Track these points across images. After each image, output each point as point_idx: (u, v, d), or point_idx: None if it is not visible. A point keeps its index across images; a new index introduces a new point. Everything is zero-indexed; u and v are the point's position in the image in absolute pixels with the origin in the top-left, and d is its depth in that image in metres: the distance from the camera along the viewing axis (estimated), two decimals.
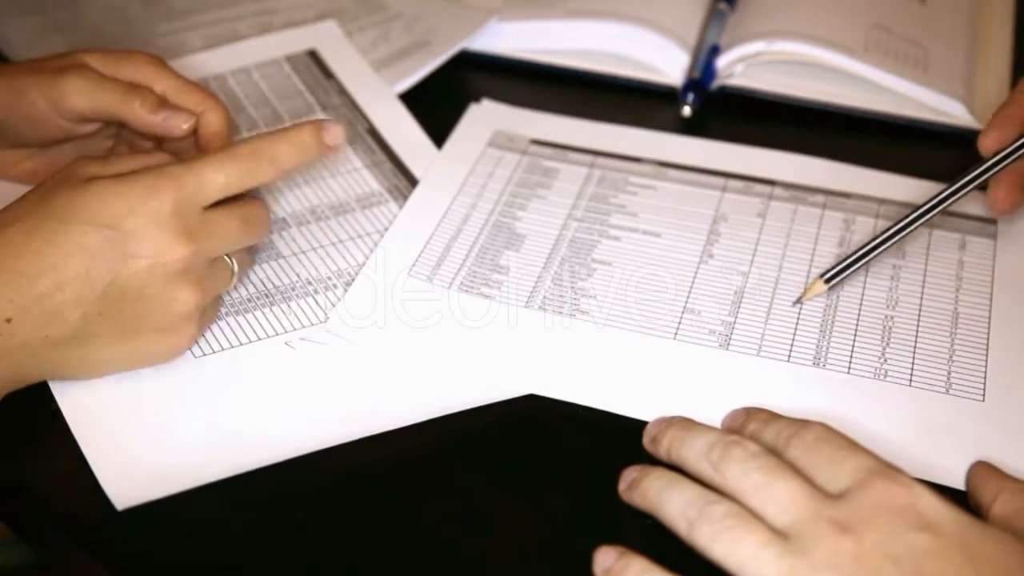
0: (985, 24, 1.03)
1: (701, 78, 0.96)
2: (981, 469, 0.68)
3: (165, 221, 0.69)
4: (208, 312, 0.75)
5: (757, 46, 0.96)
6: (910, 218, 0.80)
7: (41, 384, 0.72)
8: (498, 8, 1.01)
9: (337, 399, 0.73)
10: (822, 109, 0.95)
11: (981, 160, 0.80)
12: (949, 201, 0.80)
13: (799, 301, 0.79)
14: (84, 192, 0.69)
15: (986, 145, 0.81)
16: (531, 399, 0.73)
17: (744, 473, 0.62)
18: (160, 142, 0.82)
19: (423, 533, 0.67)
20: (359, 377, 0.74)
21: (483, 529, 0.68)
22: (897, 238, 0.80)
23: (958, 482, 0.68)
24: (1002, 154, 0.79)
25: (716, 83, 0.97)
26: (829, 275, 0.79)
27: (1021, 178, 0.82)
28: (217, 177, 0.72)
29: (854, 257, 0.79)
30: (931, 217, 0.80)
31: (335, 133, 0.76)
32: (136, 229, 0.69)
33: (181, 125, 0.80)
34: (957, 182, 0.80)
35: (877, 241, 0.79)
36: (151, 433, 0.71)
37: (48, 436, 0.71)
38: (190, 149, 0.80)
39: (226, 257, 0.74)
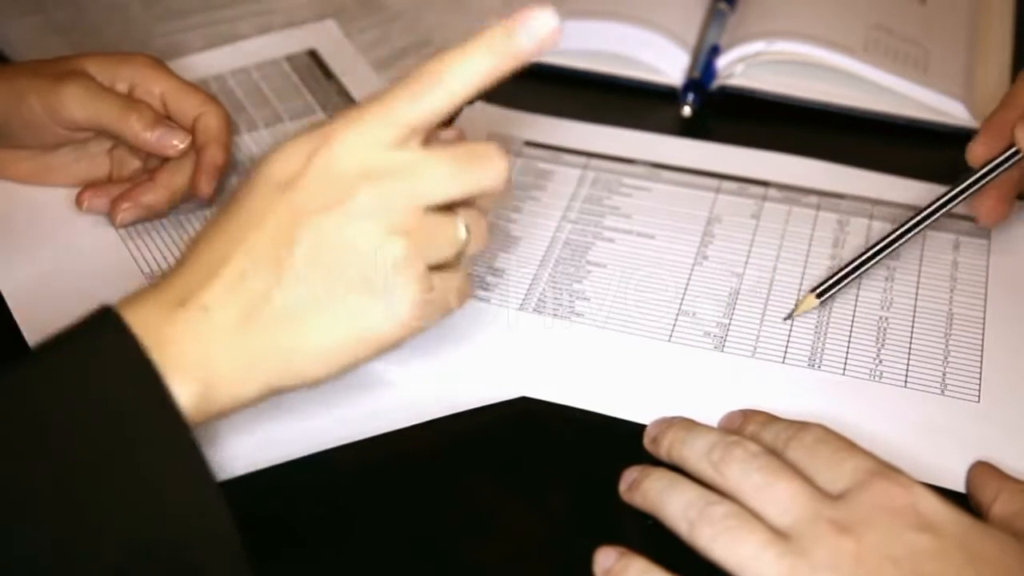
0: (985, 24, 1.03)
1: (701, 78, 0.96)
2: (981, 470, 0.68)
3: (346, 167, 0.60)
4: (445, 280, 0.64)
5: (757, 46, 0.96)
6: (899, 231, 0.79)
7: None
8: (498, 8, 1.01)
9: (335, 400, 0.73)
10: (822, 109, 0.95)
11: (970, 171, 0.80)
12: (939, 213, 0.79)
13: (790, 317, 0.79)
14: (262, 161, 0.62)
15: (975, 156, 0.81)
16: (528, 399, 0.73)
17: (745, 474, 0.62)
18: (151, 157, 0.83)
19: (423, 534, 0.67)
20: (356, 379, 0.74)
21: (483, 530, 0.68)
22: (887, 252, 0.79)
23: (954, 483, 0.68)
24: (990, 166, 0.79)
25: (716, 83, 0.97)
26: (821, 290, 0.79)
27: (1009, 188, 0.82)
28: (409, 106, 0.61)
29: (844, 271, 0.79)
30: (922, 229, 0.80)
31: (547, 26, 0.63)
32: (317, 179, 0.60)
33: (176, 144, 0.80)
34: (946, 195, 0.79)
35: (867, 255, 0.79)
36: None
37: None
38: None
39: (445, 213, 0.63)
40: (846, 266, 0.79)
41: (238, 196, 0.62)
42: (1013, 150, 0.79)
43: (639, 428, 0.70)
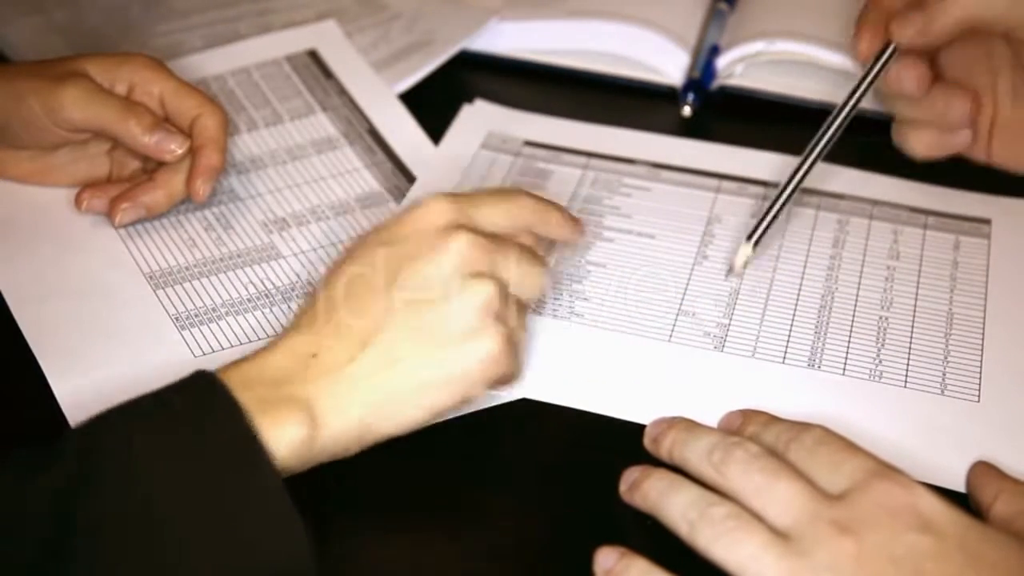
0: None
1: (701, 78, 0.96)
2: (981, 470, 0.68)
3: (439, 222, 0.68)
4: (516, 336, 0.69)
5: (757, 46, 0.96)
6: (808, 156, 0.81)
7: (42, 386, 0.73)
8: (498, 8, 1.01)
9: None
10: (822, 109, 0.95)
11: (862, 76, 0.82)
12: (843, 119, 0.82)
13: (731, 273, 0.80)
14: (366, 235, 0.70)
15: (862, 53, 0.83)
16: (528, 399, 0.73)
17: (745, 474, 0.62)
18: (150, 158, 0.83)
19: (423, 534, 0.67)
20: None
21: (483, 530, 0.68)
22: (801, 180, 0.81)
23: (954, 483, 0.68)
24: (877, 63, 0.82)
25: (716, 83, 0.97)
26: (750, 234, 0.79)
27: (879, 19, 0.83)
28: (481, 196, 0.71)
29: (769, 213, 0.80)
30: (830, 144, 0.81)
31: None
32: (412, 236, 0.68)
33: (174, 149, 0.81)
34: (845, 102, 0.82)
35: (784, 191, 0.80)
36: None
37: (49, 438, 0.71)
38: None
39: (525, 256, 0.71)
40: (769, 208, 0.80)
41: (348, 253, 0.69)
42: (892, 46, 0.81)
43: (639, 428, 0.70)
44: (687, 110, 0.95)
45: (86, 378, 0.74)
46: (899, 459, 0.63)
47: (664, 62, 0.98)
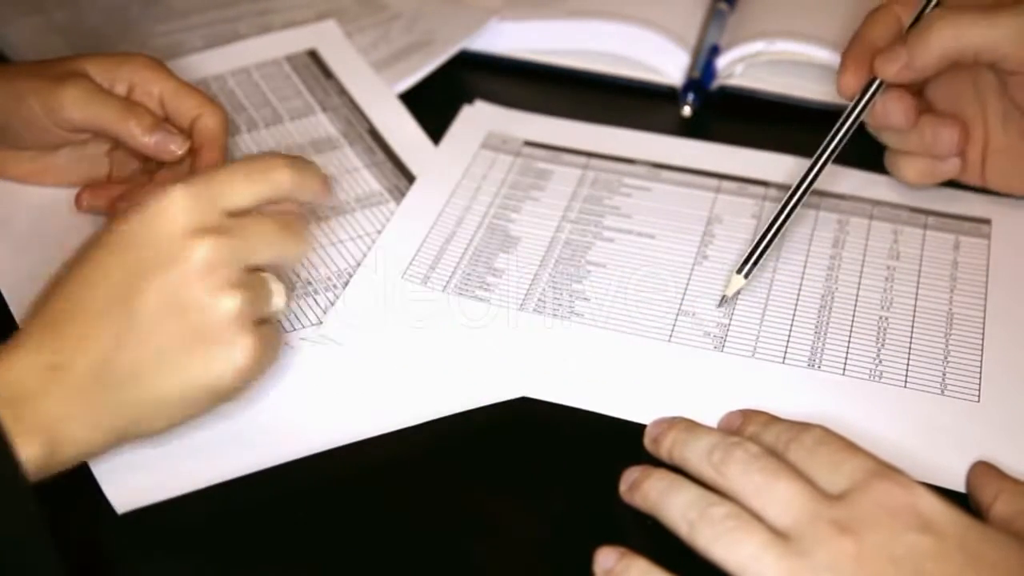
0: None
1: (701, 78, 0.96)
2: (981, 470, 0.68)
3: (180, 223, 0.64)
4: (267, 333, 0.67)
5: (757, 46, 0.96)
6: (798, 188, 0.80)
7: None
8: (498, 8, 1.01)
9: (335, 401, 0.73)
10: (822, 109, 0.95)
11: (847, 111, 0.81)
12: (831, 153, 0.80)
13: (723, 303, 0.79)
14: (100, 237, 0.66)
15: (848, 88, 0.82)
16: (528, 399, 0.73)
17: (745, 475, 0.63)
18: (149, 161, 0.83)
19: (423, 534, 0.67)
20: (356, 380, 0.75)
21: (483, 530, 0.68)
22: (794, 212, 0.80)
23: (954, 483, 0.68)
24: (862, 98, 0.81)
25: (716, 83, 0.97)
26: (741, 267, 0.79)
27: (864, 54, 0.82)
28: (236, 182, 0.67)
29: (760, 244, 0.79)
30: (815, 179, 0.80)
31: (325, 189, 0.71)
32: (153, 240, 0.64)
33: (174, 150, 0.80)
34: (831, 137, 0.81)
35: (776, 222, 0.79)
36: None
37: None
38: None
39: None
40: (761, 239, 0.79)
41: (81, 257, 0.65)
42: (878, 81, 0.81)
43: (639, 428, 0.70)
44: (687, 110, 0.95)
45: None
46: (899, 459, 0.63)
47: (664, 62, 0.98)
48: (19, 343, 0.64)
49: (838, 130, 0.81)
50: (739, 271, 0.79)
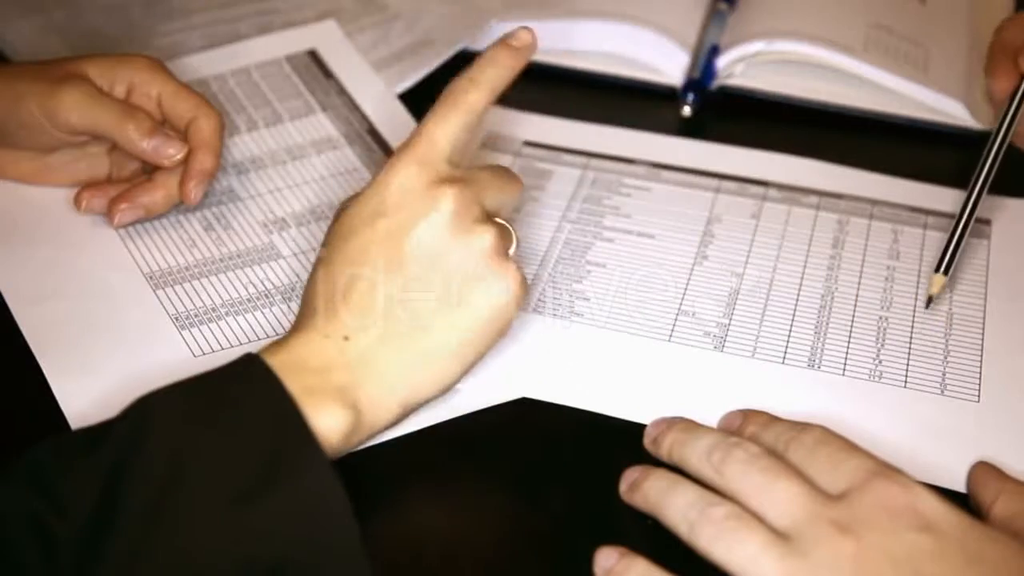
0: (985, 24, 1.02)
1: (701, 78, 0.96)
2: (981, 470, 0.68)
3: (417, 183, 0.69)
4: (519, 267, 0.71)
5: (757, 46, 0.96)
6: (977, 185, 0.81)
7: (42, 389, 0.73)
8: (498, 8, 1.01)
9: None
10: (822, 109, 0.95)
11: (1004, 113, 0.83)
12: (996, 156, 0.82)
13: (931, 301, 0.79)
14: (342, 218, 0.70)
15: (999, 90, 0.85)
16: (528, 399, 0.73)
17: (745, 475, 0.63)
18: (147, 164, 0.83)
19: (423, 534, 0.67)
20: None
21: (483, 530, 0.68)
22: (977, 207, 0.81)
23: (954, 483, 0.68)
24: (1015, 97, 0.84)
25: (716, 83, 0.97)
26: (945, 266, 0.79)
27: (1006, 57, 0.85)
28: (440, 127, 0.71)
29: (955, 240, 0.80)
30: (991, 174, 0.82)
31: (522, 36, 0.76)
32: (399, 203, 0.69)
33: (172, 154, 0.81)
34: (995, 138, 0.82)
35: (963, 218, 0.80)
36: None
37: (48, 437, 0.71)
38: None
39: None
40: (952, 234, 0.80)
41: (335, 242, 0.70)
42: None
43: (639, 428, 0.71)
44: (687, 110, 0.95)
45: (86, 378, 0.74)
46: (899, 459, 0.63)
47: (664, 62, 0.98)
48: (308, 324, 0.68)
49: (999, 130, 0.83)
50: (936, 269, 0.79)
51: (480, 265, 0.69)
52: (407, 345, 0.68)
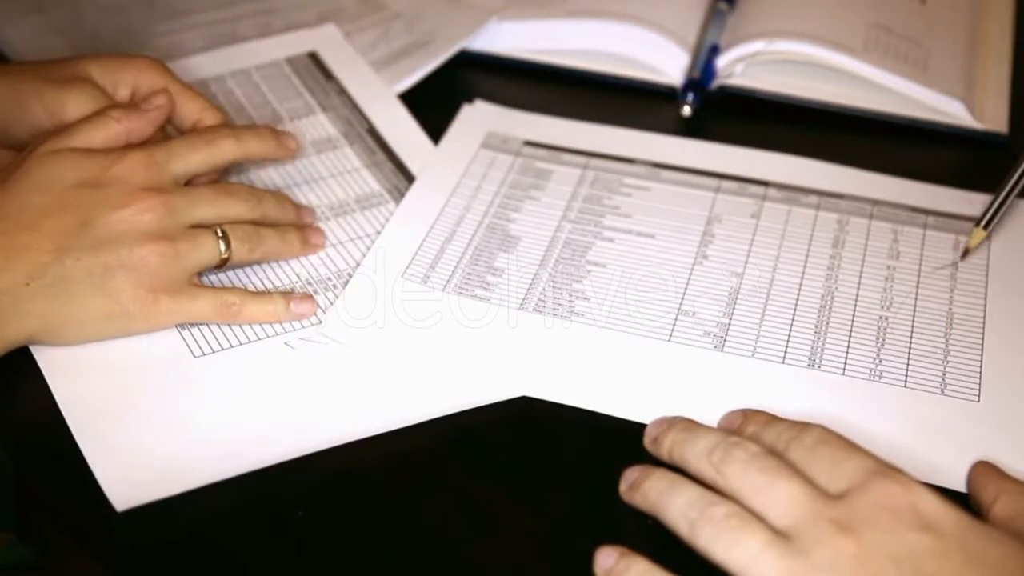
0: (985, 24, 1.03)
1: (701, 78, 0.96)
2: (982, 470, 0.68)
3: (136, 179, 0.74)
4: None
5: (757, 46, 0.96)
6: None
7: (42, 388, 0.73)
8: (498, 8, 1.01)
9: (336, 400, 0.73)
10: (822, 109, 0.95)
11: None
12: None
13: (966, 254, 0.81)
14: (59, 157, 0.75)
15: None
16: (528, 399, 0.73)
17: (745, 474, 0.63)
18: None
19: (423, 534, 0.67)
20: (357, 378, 0.75)
21: (483, 530, 0.68)
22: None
23: (954, 483, 0.68)
24: None
25: (716, 83, 0.97)
26: (986, 221, 0.81)
27: None
28: (182, 148, 0.77)
29: (1003, 197, 0.82)
30: None
31: (291, 145, 0.84)
32: (109, 182, 0.74)
33: None
34: None
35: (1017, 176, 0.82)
36: (151, 434, 0.71)
37: (48, 437, 0.71)
38: None
39: (216, 230, 0.77)
40: (1000, 192, 0.82)
41: (26, 179, 0.74)
42: None
43: (639, 428, 0.70)
44: (687, 110, 0.95)
45: (85, 378, 0.73)
46: (899, 459, 0.63)
47: (664, 62, 0.98)
48: None
49: None
50: (978, 224, 0.80)
51: (140, 275, 0.74)
52: (47, 295, 0.72)
